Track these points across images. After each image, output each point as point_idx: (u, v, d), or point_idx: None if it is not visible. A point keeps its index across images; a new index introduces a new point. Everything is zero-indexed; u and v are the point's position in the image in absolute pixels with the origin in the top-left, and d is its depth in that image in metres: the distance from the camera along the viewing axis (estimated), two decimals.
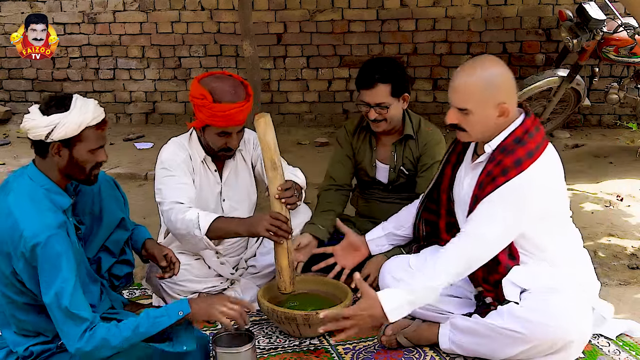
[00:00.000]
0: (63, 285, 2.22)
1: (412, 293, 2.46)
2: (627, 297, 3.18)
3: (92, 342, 2.24)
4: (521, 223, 2.49)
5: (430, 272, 2.49)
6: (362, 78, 3.18)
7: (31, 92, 7.32)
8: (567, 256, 2.61)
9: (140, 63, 7.12)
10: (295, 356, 2.75)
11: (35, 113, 2.35)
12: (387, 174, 3.36)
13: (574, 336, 2.43)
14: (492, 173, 2.49)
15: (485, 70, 2.48)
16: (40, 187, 2.35)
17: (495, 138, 2.53)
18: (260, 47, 6.24)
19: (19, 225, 2.23)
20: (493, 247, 2.49)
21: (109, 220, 2.72)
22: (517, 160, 2.44)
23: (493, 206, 2.46)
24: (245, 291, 3.16)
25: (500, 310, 2.49)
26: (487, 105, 2.47)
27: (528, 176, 2.43)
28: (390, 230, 3.03)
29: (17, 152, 6.26)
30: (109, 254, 2.74)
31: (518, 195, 2.44)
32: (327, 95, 6.94)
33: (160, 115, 7.19)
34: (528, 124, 2.53)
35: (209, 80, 2.94)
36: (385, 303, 2.41)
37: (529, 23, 6.54)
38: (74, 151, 2.36)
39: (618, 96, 5.61)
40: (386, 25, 6.69)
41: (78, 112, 2.33)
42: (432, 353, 2.70)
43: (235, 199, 3.16)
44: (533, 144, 2.48)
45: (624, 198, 4.56)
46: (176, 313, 2.35)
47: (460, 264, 2.48)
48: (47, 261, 2.21)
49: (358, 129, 3.40)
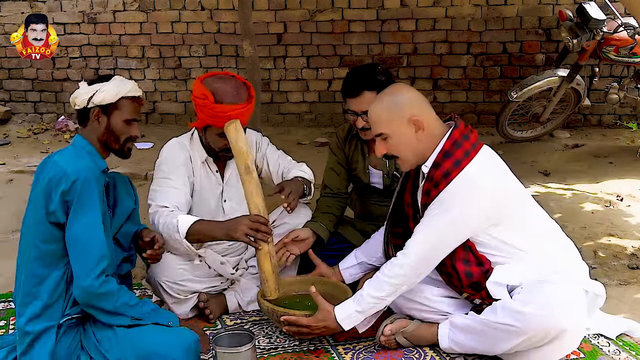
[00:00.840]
0: (94, 220, 2.43)
1: (360, 304, 2.61)
2: (627, 297, 3.18)
3: (105, 286, 2.43)
4: (470, 221, 2.53)
5: (375, 283, 2.60)
6: (347, 87, 3.15)
7: (31, 92, 7.32)
8: (546, 248, 2.63)
9: (140, 63, 7.12)
10: (295, 356, 2.75)
11: (82, 85, 2.67)
12: (382, 180, 3.35)
13: (567, 325, 2.44)
14: (428, 189, 2.55)
15: (389, 95, 2.62)
16: (82, 148, 2.61)
17: (429, 158, 2.58)
18: (260, 47, 6.24)
19: (63, 168, 2.46)
20: (437, 252, 2.57)
21: (122, 210, 2.79)
22: (445, 173, 2.50)
23: (435, 212, 2.52)
24: (245, 291, 3.16)
25: (494, 306, 2.52)
26: (399, 124, 2.56)
27: (459, 183, 2.48)
28: (362, 259, 3.06)
29: (17, 152, 6.27)
30: (119, 247, 2.77)
31: (450, 201, 2.49)
32: (327, 95, 6.94)
33: (160, 115, 7.19)
34: (455, 135, 2.57)
35: (212, 81, 2.94)
36: (337, 313, 2.62)
37: (529, 23, 6.54)
38: (111, 118, 2.63)
39: (618, 96, 5.61)
40: (386, 25, 6.69)
41: (117, 83, 2.64)
42: (432, 353, 2.71)
43: (236, 200, 3.16)
44: (460, 153, 2.53)
45: (624, 198, 4.56)
46: (165, 319, 2.59)
47: (405, 272, 2.57)
48: (83, 195, 2.42)
49: (349, 136, 3.39)
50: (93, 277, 2.40)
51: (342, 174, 3.42)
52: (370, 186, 3.37)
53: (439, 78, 6.73)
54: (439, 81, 6.73)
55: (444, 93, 6.76)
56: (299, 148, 6.14)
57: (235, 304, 3.15)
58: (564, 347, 2.54)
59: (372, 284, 2.61)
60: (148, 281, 3.11)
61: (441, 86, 6.72)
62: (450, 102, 6.75)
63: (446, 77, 6.72)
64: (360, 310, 2.60)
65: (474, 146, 2.56)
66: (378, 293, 2.58)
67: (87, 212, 2.43)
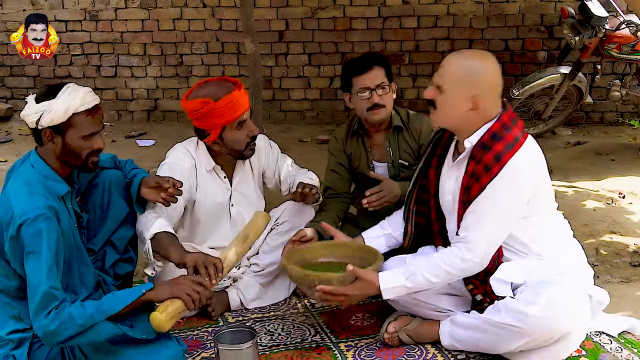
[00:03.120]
0: (39, 264, 2.28)
1: (411, 281, 2.53)
2: (629, 294, 3.18)
3: (57, 319, 2.27)
4: (512, 218, 2.50)
5: (432, 266, 2.53)
6: (356, 66, 3.22)
7: (33, 89, 7.30)
8: (556, 248, 2.62)
9: (142, 60, 7.12)
10: (297, 353, 2.75)
11: (30, 101, 2.44)
12: (387, 172, 3.35)
13: (571, 327, 2.44)
14: (475, 172, 2.49)
15: (474, 60, 2.51)
16: (39, 173, 2.44)
17: (475, 134, 2.53)
18: (262, 44, 6.24)
19: (12, 207, 2.33)
20: (489, 250, 2.51)
21: (115, 214, 2.76)
22: (496, 156, 2.45)
23: (483, 210, 2.47)
24: (247, 289, 3.17)
25: (497, 305, 2.50)
26: (460, 93, 2.48)
27: (510, 170, 2.43)
28: (389, 231, 2.98)
29: (19, 149, 6.26)
30: (114, 249, 2.76)
31: (504, 191, 2.45)
32: (328, 92, 6.93)
33: (162, 112, 7.19)
34: (505, 119, 2.52)
35: (196, 92, 2.96)
36: (382, 281, 2.55)
37: (531, 20, 6.53)
38: (66, 137, 2.42)
39: (620, 93, 5.60)
40: (388, 23, 6.69)
41: (65, 99, 2.38)
42: (434, 350, 2.71)
43: (243, 205, 3.18)
44: (511, 137, 2.48)
45: (625, 195, 4.55)
46: (139, 290, 2.41)
47: (468, 267, 2.51)
48: (29, 239, 2.28)
49: (349, 135, 3.40)
50: (43, 317, 2.27)
51: (343, 174, 3.42)
52: (375, 181, 3.38)
53: None
54: None
55: None
56: (301, 145, 6.14)
57: (237, 302, 3.15)
58: (567, 348, 2.52)
59: (427, 265, 2.53)
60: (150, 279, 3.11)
61: None
62: None
63: None
64: (410, 287, 2.54)
65: (522, 133, 2.52)
66: (433, 278, 2.52)
67: (35, 256, 2.28)
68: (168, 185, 2.70)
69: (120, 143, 6.40)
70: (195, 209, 3.10)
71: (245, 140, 3.00)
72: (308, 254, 2.88)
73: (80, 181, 2.68)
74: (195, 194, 3.07)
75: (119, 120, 7.17)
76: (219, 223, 3.15)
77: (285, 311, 3.15)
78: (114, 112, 7.15)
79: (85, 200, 2.75)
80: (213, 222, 3.13)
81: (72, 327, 2.29)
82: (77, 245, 2.55)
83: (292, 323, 3.02)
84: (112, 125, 6.93)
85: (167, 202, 2.73)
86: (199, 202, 3.09)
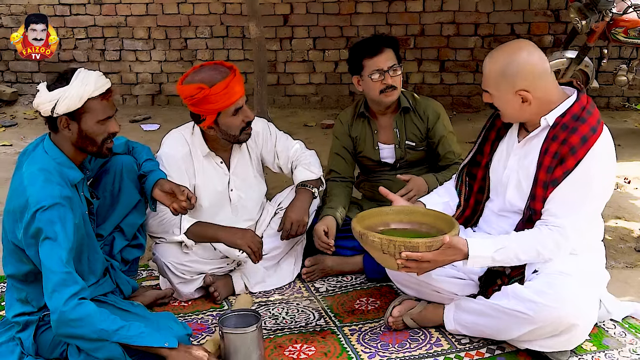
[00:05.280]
0: (57, 249, 2.27)
1: (500, 254, 2.47)
2: (633, 279, 3.18)
3: (78, 311, 2.23)
4: (602, 206, 2.51)
5: (524, 242, 2.47)
6: (367, 48, 3.20)
7: (37, 73, 7.31)
8: (589, 245, 2.60)
9: (147, 44, 7.10)
10: (301, 337, 2.76)
11: (42, 90, 2.42)
12: (394, 153, 3.35)
13: (579, 320, 2.42)
14: (559, 154, 2.43)
15: (508, 56, 2.47)
16: (53, 160, 2.43)
17: (551, 112, 2.49)
18: (267, 28, 6.21)
19: (27, 194, 2.32)
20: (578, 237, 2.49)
21: (126, 200, 2.77)
22: (583, 138, 2.42)
23: (578, 197, 2.43)
24: (251, 273, 3.17)
25: (505, 290, 2.49)
26: (506, 91, 2.47)
27: (596, 154, 2.41)
28: (447, 199, 2.89)
29: (24, 133, 6.28)
30: (122, 235, 2.76)
31: (597, 177, 2.43)
32: (333, 76, 6.91)
33: (167, 96, 7.18)
34: (584, 101, 2.50)
35: (191, 78, 2.93)
36: (471, 248, 2.45)
37: (538, 4, 6.48)
38: (81, 123, 2.43)
39: (627, 78, 5.56)
40: (393, 6, 6.65)
41: (79, 85, 2.38)
42: (438, 334, 2.71)
43: (243, 189, 3.17)
44: (593, 120, 2.47)
45: (631, 181, 4.54)
46: (162, 341, 2.35)
47: (560, 251, 2.47)
48: (45, 226, 2.27)
49: (355, 118, 3.39)
50: (62, 303, 2.22)
51: (347, 158, 3.42)
52: (381, 162, 3.38)
53: (446, 60, 6.69)
54: (446, 63, 6.69)
55: (451, 75, 6.72)
56: (306, 130, 6.13)
57: (241, 286, 3.16)
58: (571, 341, 2.50)
59: (520, 241, 2.48)
60: (154, 262, 3.13)
61: (448, 68, 6.68)
62: (457, 83, 6.71)
63: (453, 58, 6.68)
64: (497, 260, 2.48)
65: (600, 117, 2.51)
66: (523, 255, 2.47)
67: (52, 242, 2.28)
68: (182, 198, 2.71)
69: (124, 127, 6.35)
70: (196, 194, 3.09)
71: (240, 125, 2.99)
72: (376, 220, 2.71)
73: (92, 167, 2.69)
74: (193, 179, 3.07)
75: (124, 105, 7.17)
76: (220, 208, 3.14)
77: (290, 295, 3.16)
78: (118, 96, 7.13)
79: (95, 185, 2.75)
80: (214, 207, 3.13)
81: (87, 329, 2.25)
82: (88, 233, 2.55)
83: (297, 307, 3.03)
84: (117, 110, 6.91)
85: (177, 212, 2.76)
86: (198, 186, 3.08)
